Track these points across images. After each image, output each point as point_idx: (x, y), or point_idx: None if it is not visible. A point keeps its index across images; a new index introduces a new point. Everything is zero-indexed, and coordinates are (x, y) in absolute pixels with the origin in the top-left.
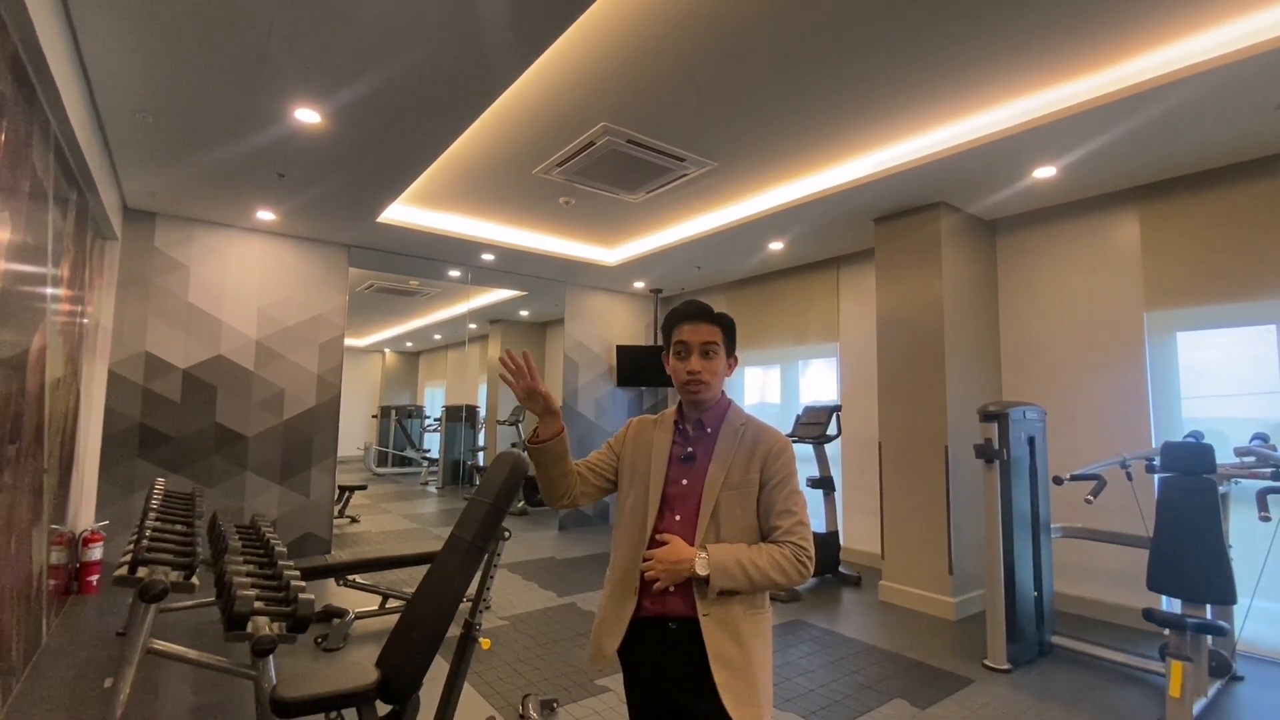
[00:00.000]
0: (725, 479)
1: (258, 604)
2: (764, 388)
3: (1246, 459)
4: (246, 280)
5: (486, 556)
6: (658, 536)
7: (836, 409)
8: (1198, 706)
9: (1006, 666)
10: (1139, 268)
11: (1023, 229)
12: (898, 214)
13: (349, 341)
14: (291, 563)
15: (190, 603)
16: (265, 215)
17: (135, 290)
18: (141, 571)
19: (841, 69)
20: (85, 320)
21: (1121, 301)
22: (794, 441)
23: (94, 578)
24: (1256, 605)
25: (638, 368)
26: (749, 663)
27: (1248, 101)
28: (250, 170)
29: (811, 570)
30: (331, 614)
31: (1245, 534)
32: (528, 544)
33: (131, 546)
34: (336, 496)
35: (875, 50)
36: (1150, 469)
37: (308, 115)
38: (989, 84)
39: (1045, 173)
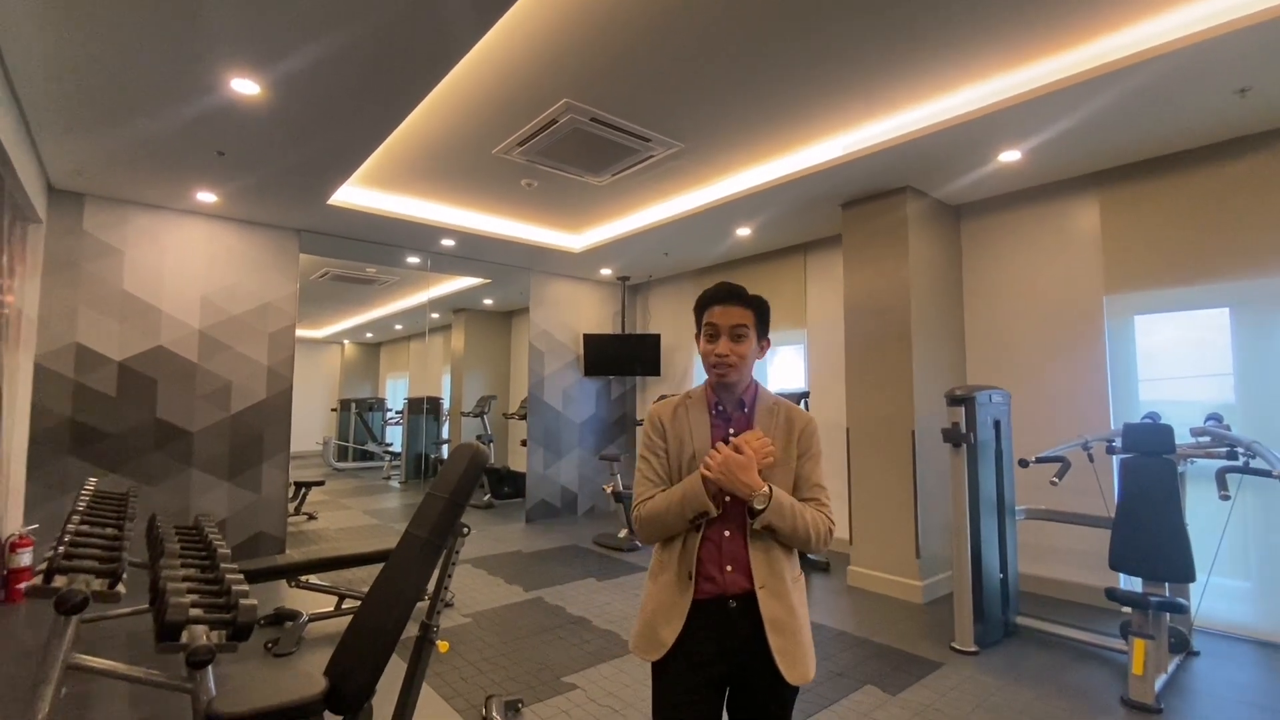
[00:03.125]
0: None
1: (194, 611)
2: None
3: (1202, 439)
4: (187, 266)
5: (444, 554)
6: (733, 441)
7: (804, 396)
8: (1159, 682)
9: (974, 649)
10: (1099, 252)
11: (986, 214)
12: (865, 198)
13: (305, 333)
14: (235, 565)
15: (127, 610)
16: (206, 197)
17: (63, 277)
18: (59, 580)
19: (809, 45)
20: (5, 309)
21: (1082, 285)
22: None
23: (24, 585)
24: (1208, 581)
25: (606, 356)
26: (798, 628)
27: (1210, 84)
28: (186, 147)
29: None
30: (283, 617)
31: (1199, 512)
32: (493, 537)
33: (50, 553)
34: (292, 493)
35: (843, 27)
36: (1110, 450)
37: (245, 86)
38: (956, 64)
39: (1010, 156)
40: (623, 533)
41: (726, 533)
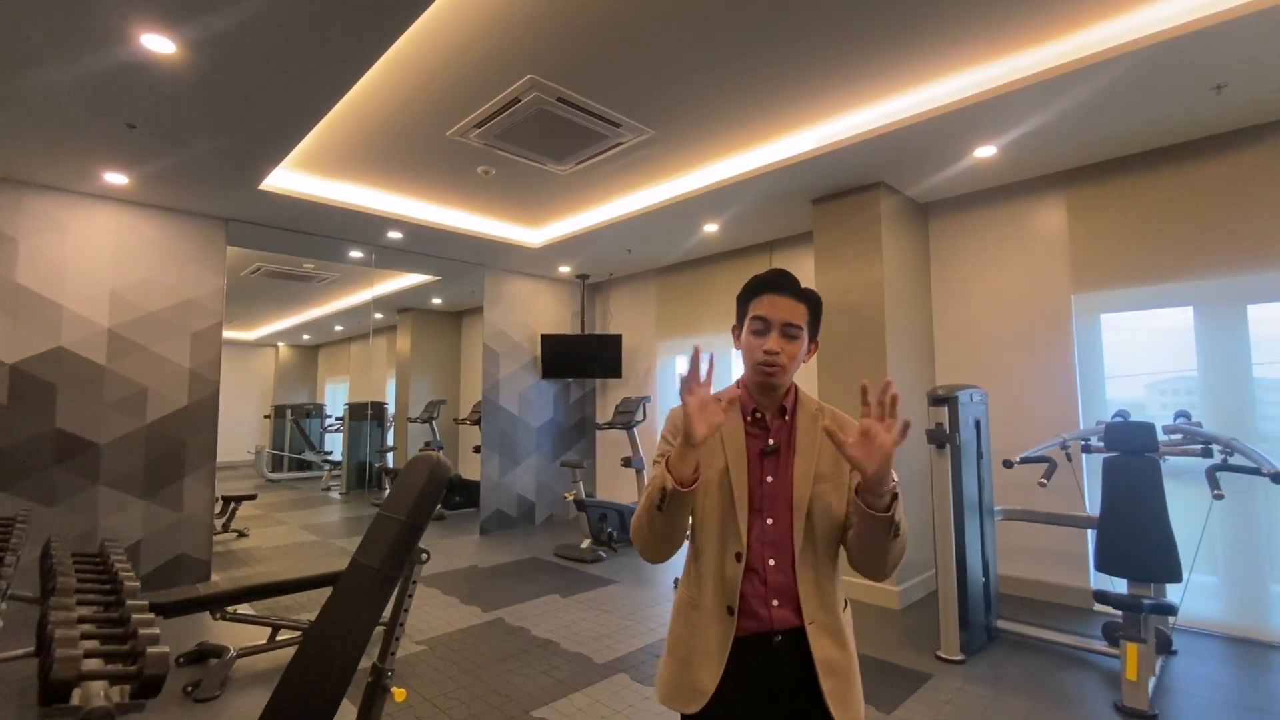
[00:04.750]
0: (816, 472)
1: (89, 664)
2: None
3: (1174, 437)
4: (94, 257)
5: (400, 585)
6: (863, 424)
7: None
8: (1149, 686)
9: (960, 657)
10: (1066, 252)
11: (954, 213)
12: (837, 194)
13: (236, 335)
14: (145, 601)
15: (18, 653)
16: (115, 179)
17: None
18: None
19: (786, 33)
20: None
21: (1049, 285)
22: None
23: None
24: (1189, 580)
25: (565, 358)
26: (850, 666)
27: (1188, 80)
28: (88, 117)
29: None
30: (207, 653)
31: (1174, 511)
32: (446, 552)
33: None
34: (219, 509)
35: (821, 16)
36: (1086, 449)
37: (158, 43)
38: (933, 57)
39: (986, 151)
40: (585, 543)
41: (771, 561)
